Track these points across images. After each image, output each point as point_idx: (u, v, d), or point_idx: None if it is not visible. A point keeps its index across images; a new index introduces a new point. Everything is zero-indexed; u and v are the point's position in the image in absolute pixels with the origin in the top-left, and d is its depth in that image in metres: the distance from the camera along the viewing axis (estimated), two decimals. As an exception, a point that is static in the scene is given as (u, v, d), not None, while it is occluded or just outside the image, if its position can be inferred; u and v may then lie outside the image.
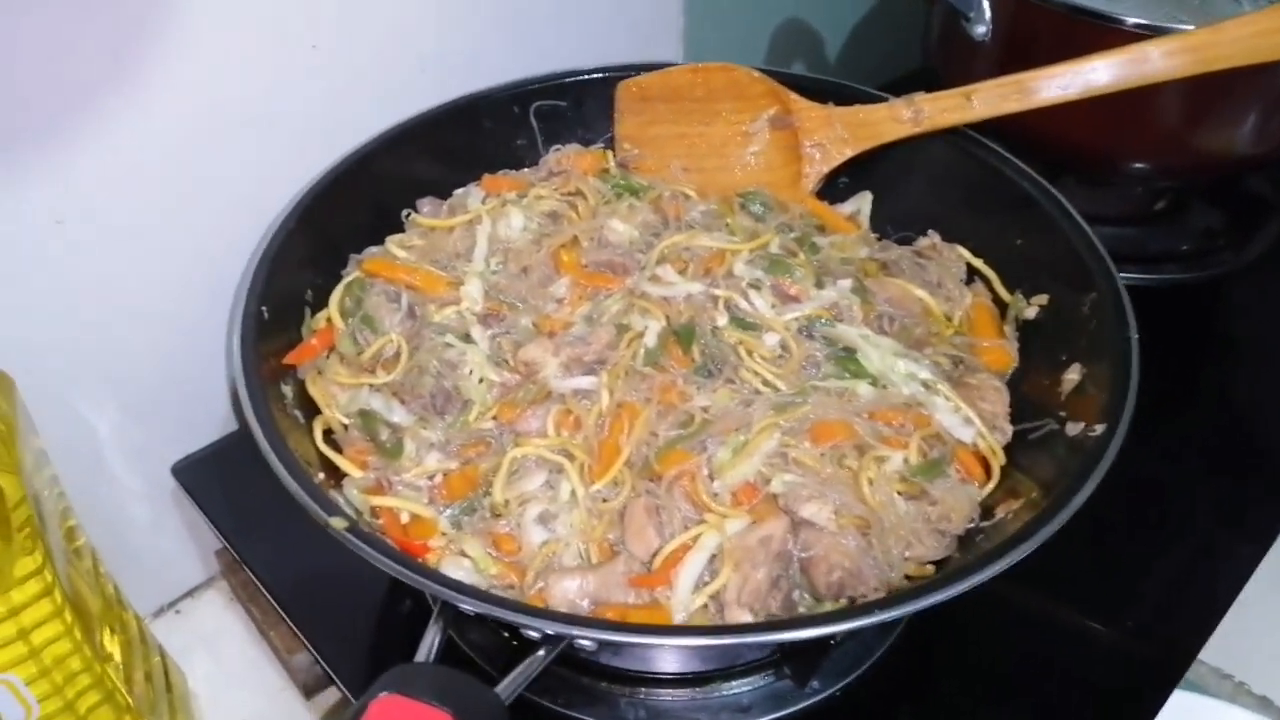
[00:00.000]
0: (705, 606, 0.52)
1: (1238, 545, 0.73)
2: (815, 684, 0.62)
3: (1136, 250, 0.99)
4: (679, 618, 0.51)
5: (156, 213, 0.68)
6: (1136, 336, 0.59)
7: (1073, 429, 0.58)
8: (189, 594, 0.87)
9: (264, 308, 0.62)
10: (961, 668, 0.66)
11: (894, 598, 0.45)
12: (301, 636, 0.69)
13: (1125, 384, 0.55)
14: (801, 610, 0.54)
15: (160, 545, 0.83)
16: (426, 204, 0.75)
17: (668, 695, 0.63)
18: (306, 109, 0.73)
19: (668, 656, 0.61)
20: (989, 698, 0.64)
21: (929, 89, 0.77)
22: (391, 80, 0.77)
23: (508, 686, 0.42)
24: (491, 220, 0.72)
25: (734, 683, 0.62)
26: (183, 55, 0.64)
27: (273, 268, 0.64)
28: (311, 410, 0.64)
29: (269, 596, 0.72)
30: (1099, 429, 0.54)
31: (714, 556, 0.54)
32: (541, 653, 0.44)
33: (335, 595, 0.70)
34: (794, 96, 0.78)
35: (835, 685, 0.62)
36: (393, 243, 0.71)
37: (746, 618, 0.51)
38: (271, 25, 0.68)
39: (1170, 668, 0.65)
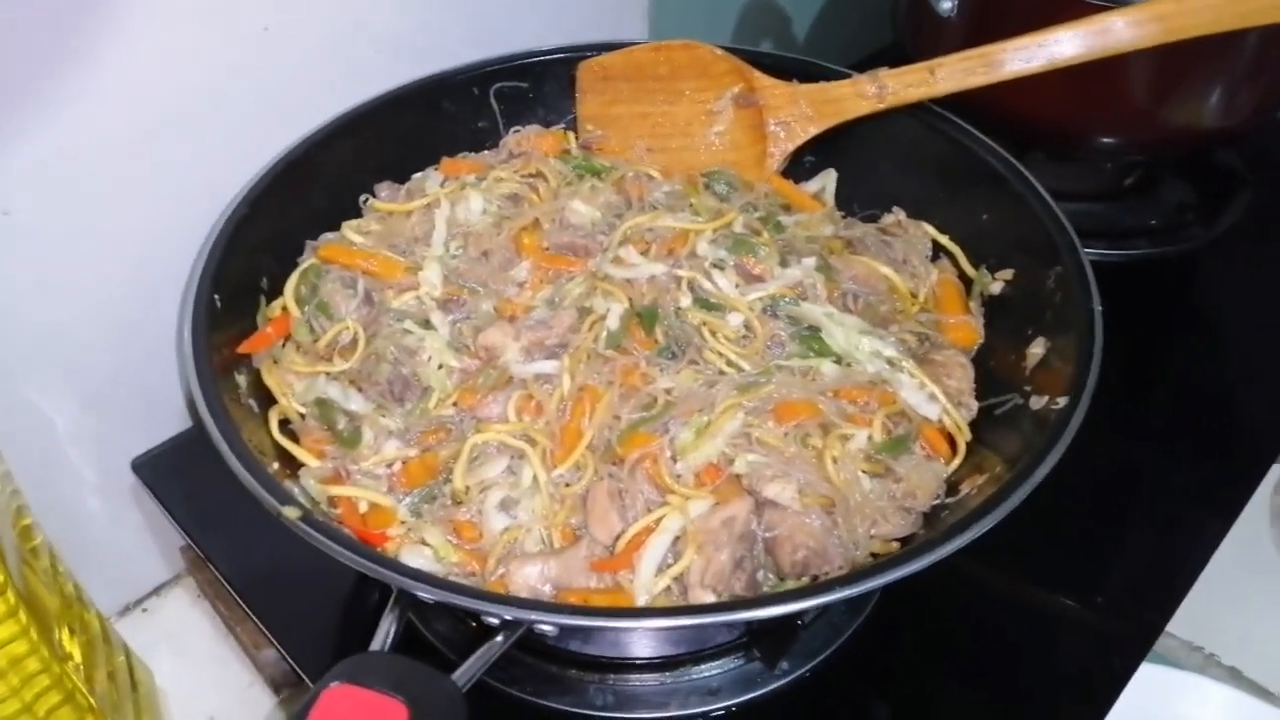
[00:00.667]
0: (668, 589, 0.51)
1: (1205, 519, 0.73)
2: (785, 665, 0.61)
3: (1108, 226, 0.98)
4: (641, 601, 0.50)
5: (108, 202, 0.66)
6: (1100, 309, 0.58)
7: (1037, 403, 0.57)
8: (155, 591, 0.86)
9: (216, 296, 0.60)
10: (931, 647, 0.66)
11: (854, 575, 0.45)
12: (266, 631, 0.69)
13: (1088, 356, 0.55)
14: (766, 590, 0.53)
15: (123, 542, 0.81)
16: (384, 188, 0.74)
17: (637, 680, 0.62)
18: (260, 93, 0.71)
19: (634, 641, 0.60)
20: (958, 676, 0.64)
21: (897, 65, 0.76)
22: (347, 63, 0.75)
23: (464, 673, 0.41)
24: (450, 204, 0.71)
25: (703, 666, 0.62)
26: (131, 41, 0.62)
27: (225, 256, 0.62)
28: (267, 400, 0.62)
29: (233, 592, 0.71)
30: (1062, 402, 0.53)
31: (677, 539, 0.53)
32: (500, 639, 0.43)
33: (301, 589, 0.69)
34: (758, 74, 0.77)
35: (805, 666, 0.62)
36: (349, 228, 0.70)
37: (710, 599, 0.50)
38: (221, 8, 0.66)
39: (1138, 641, 0.65)
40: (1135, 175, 1.02)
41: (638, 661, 0.62)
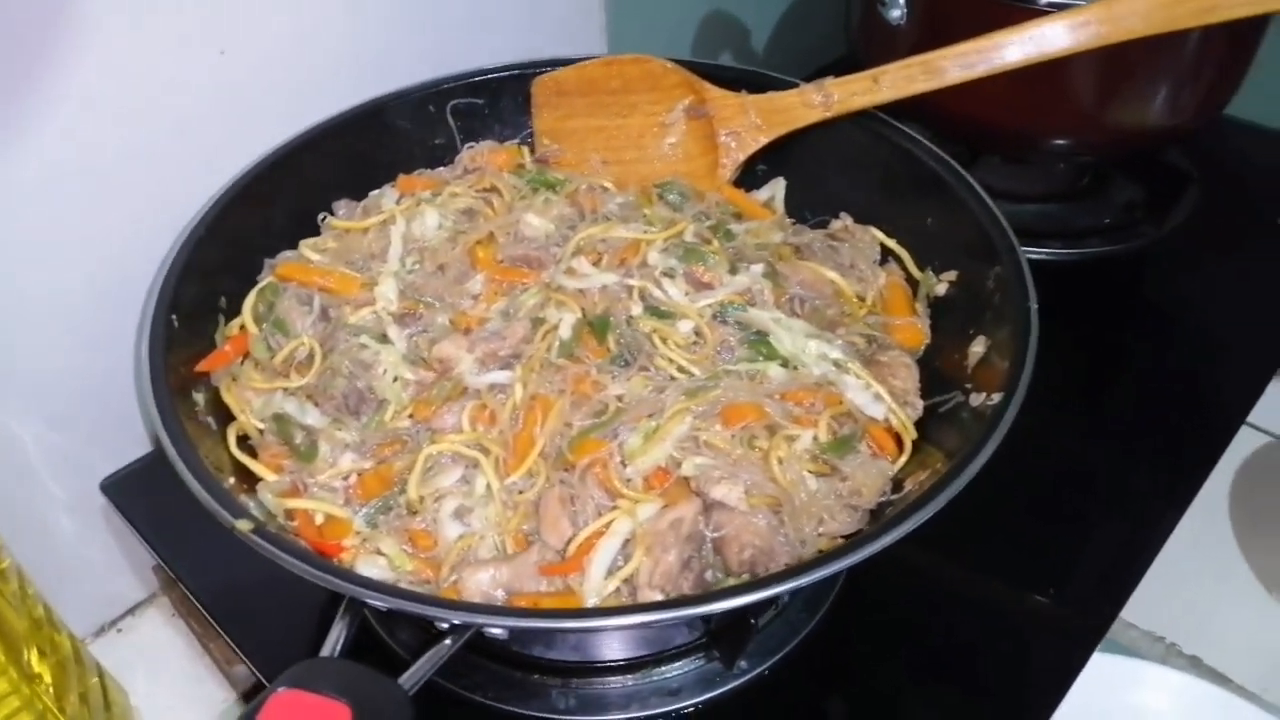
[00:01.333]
0: (617, 591, 0.53)
1: (1158, 509, 0.75)
2: (743, 664, 0.63)
3: (1061, 226, 1.01)
4: (591, 603, 0.52)
5: (70, 224, 0.68)
6: (1036, 306, 0.60)
7: (976, 399, 0.59)
8: (129, 612, 0.86)
9: (174, 316, 0.61)
10: (888, 644, 0.67)
11: (791, 570, 0.46)
12: (235, 646, 0.69)
13: (1024, 352, 0.57)
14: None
15: (95, 563, 0.82)
16: (342, 206, 0.75)
17: (599, 683, 0.63)
18: (217, 114, 0.72)
19: (592, 643, 0.61)
20: (915, 672, 0.66)
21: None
22: (304, 83, 0.77)
23: (410, 677, 0.43)
24: (406, 220, 0.72)
25: (664, 667, 0.63)
26: (90, 65, 0.64)
27: (182, 276, 0.63)
28: (226, 418, 0.63)
29: (203, 609, 0.72)
30: (997, 397, 0.55)
31: (627, 541, 0.54)
32: (447, 642, 0.44)
33: (270, 605, 0.70)
34: (708, 86, 0.79)
35: (763, 665, 0.63)
36: (306, 246, 0.71)
37: (658, 599, 0.51)
38: (177, 32, 0.68)
39: (1092, 630, 0.67)
40: (1088, 176, 1.05)
41: (599, 665, 0.63)
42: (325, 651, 0.44)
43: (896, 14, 0.89)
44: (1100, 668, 0.73)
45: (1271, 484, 0.89)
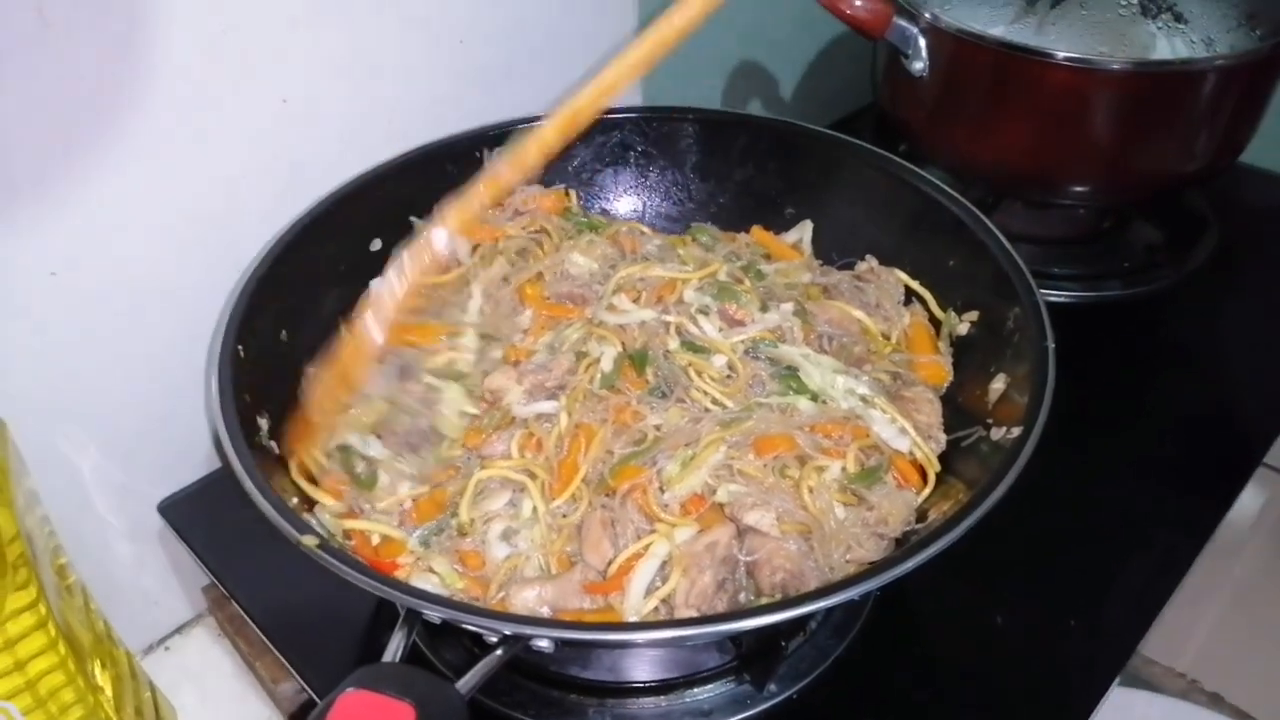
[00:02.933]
0: (656, 609, 0.56)
1: (1177, 544, 0.77)
2: (773, 688, 0.65)
3: (1082, 269, 1.04)
4: (631, 620, 0.54)
5: (140, 263, 0.73)
6: (1053, 346, 0.63)
7: (997, 433, 0.62)
8: (177, 631, 0.90)
9: (240, 347, 0.65)
10: (914, 671, 0.69)
11: (820, 590, 0.49)
12: (285, 662, 0.72)
13: (1041, 388, 0.59)
14: (748, 611, 0.57)
15: (147, 583, 0.86)
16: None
17: (634, 704, 0.66)
18: (280, 160, 0.77)
19: (628, 661, 0.64)
20: (940, 699, 0.67)
21: (878, 122, 0.81)
22: (359, 130, 0.82)
23: (467, 682, 0.46)
24: (483, 270, 0.75)
25: (695, 689, 0.66)
26: (162, 114, 0.69)
27: (249, 309, 0.67)
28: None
29: (256, 627, 0.75)
30: (1016, 431, 0.58)
31: (664, 563, 0.57)
32: (499, 652, 0.47)
33: (320, 623, 0.73)
34: None
35: (792, 689, 0.65)
36: None
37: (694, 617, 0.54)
38: (244, 81, 0.73)
39: (1112, 659, 0.68)
40: (1108, 221, 1.08)
41: (634, 685, 0.66)
42: (387, 658, 0.47)
43: (919, 66, 0.93)
44: (1124, 702, 0.75)
45: (1292, 523, 0.90)
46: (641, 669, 0.65)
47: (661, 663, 0.65)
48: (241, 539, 0.71)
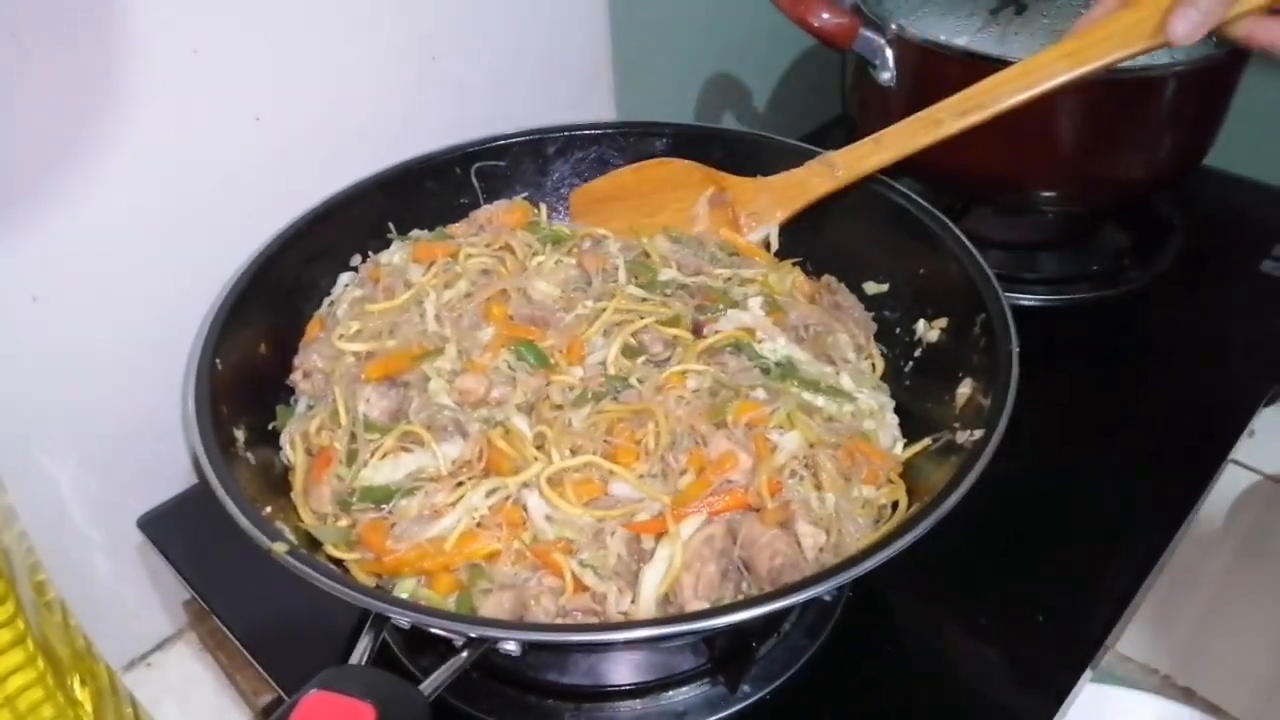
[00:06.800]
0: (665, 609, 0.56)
1: (1146, 541, 0.78)
2: (746, 689, 0.66)
3: (1052, 273, 1.06)
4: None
5: (120, 284, 0.74)
6: (1017, 349, 0.64)
7: (963, 436, 0.63)
8: (159, 646, 0.90)
9: (217, 360, 0.66)
10: (885, 670, 0.70)
11: (780, 590, 0.49)
12: (268, 676, 0.73)
13: (1004, 390, 0.61)
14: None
15: (127, 598, 0.86)
16: (344, 278, 0.80)
17: (609, 707, 0.67)
18: (255, 177, 0.78)
19: (604, 665, 0.65)
20: (911, 698, 0.68)
21: (849, 132, 0.83)
22: (335, 147, 0.83)
23: (430, 684, 0.46)
24: (436, 292, 0.76)
25: (670, 692, 0.66)
26: (136, 135, 0.70)
27: (227, 323, 0.68)
28: (263, 454, 0.68)
29: (236, 640, 0.75)
30: (979, 433, 0.59)
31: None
32: (464, 655, 0.48)
33: (302, 634, 0.74)
34: (726, 175, 0.84)
35: (765, 689, 0.66)
36: (342, 343, 0.73)
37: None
38: (216, 100, 0.74)
39: (1081, 652, 0.70)
40: (1077, 225, 1.10)
41: (610, 689, 0.67)
42: (353, 660, 0.48)
43: (887, 76, 0.95)
44: (1094, 697, 0.76)
45: (1261, 519, 0.92)
46: (616, 672, 0.66)
47: (637, 665, 0.66)
48: (222, 552, 0.71)
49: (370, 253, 0.82)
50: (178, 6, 0.69)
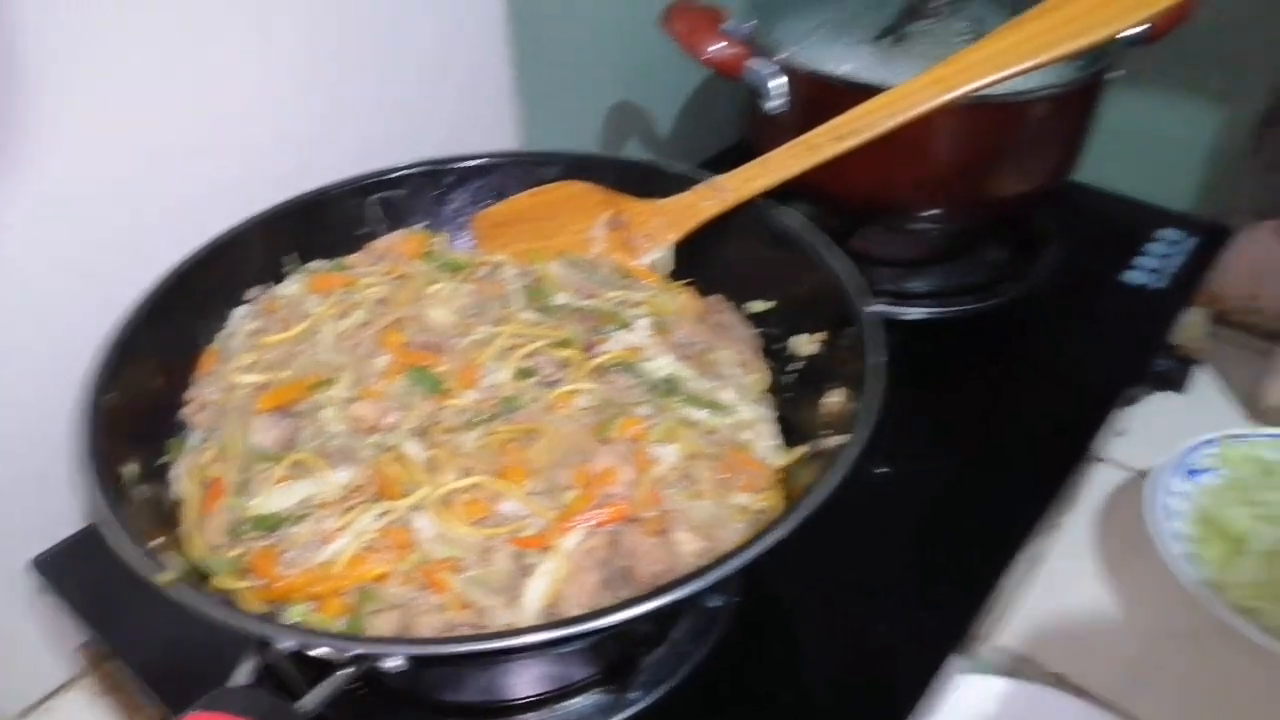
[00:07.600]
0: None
1: (1012, 536, 0.83)
2: (635, 694, 0.68)
3: (938, 286, 1.12)
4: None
5: (8, 312, 0.73)
6: (885, 360, 0.68)
7: (833, 442, 0.67)
8: (55, 692, 0.89)
9: (110, 394, 0.66)
10: (770, 669, 0.73)
11: (650, 593, 0.52)
12: (168, 710, 0.72)
13: (872, 400, 0.64)
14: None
15: (23, 643, 0.85)
16: (239, 310, 0.81)
17: (506, 720, 0.68)
18: (154, 206, 0.79)
19: (497, 681, 0.66)
20: (797, 699, 0.72)
21: (745, 158, 0.86)
22: (239, 177, 0.84)
23: (308, 701, 0.48)
24: (335, 321, 0.77)
25: (567, 702, 0.68)
26: (33, 166, 0.70)
27: (119, 356, 0.68)
28: (154, 489, 0.68)
29: (138, 678, 0.75)
30: (844, 439, 0.63)
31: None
32: (341, 672, 0.49)
33: (200, 667, 0.72)
34: (625, 198, 0.87)
35: (654, 694, 0.69)
36: (239, 373, 0.74)
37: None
38: (115, 130, 0.74)
39: (950, 642, 0.74)
40: (960, 241, 1.16)
41: (508, 703, 0.69)
42: (238, 682, 0.49)
43: (772, 105, 1.00)
44: (972, 687, 0.81)
45: (1133, 513, 0.98)
46: (511, 686, 0.68)
47: (531, 678, 0.68)
48: (119, 591, 0.71)
49: (268, 284, 0.83)
50: (63, 36, 0.69)
